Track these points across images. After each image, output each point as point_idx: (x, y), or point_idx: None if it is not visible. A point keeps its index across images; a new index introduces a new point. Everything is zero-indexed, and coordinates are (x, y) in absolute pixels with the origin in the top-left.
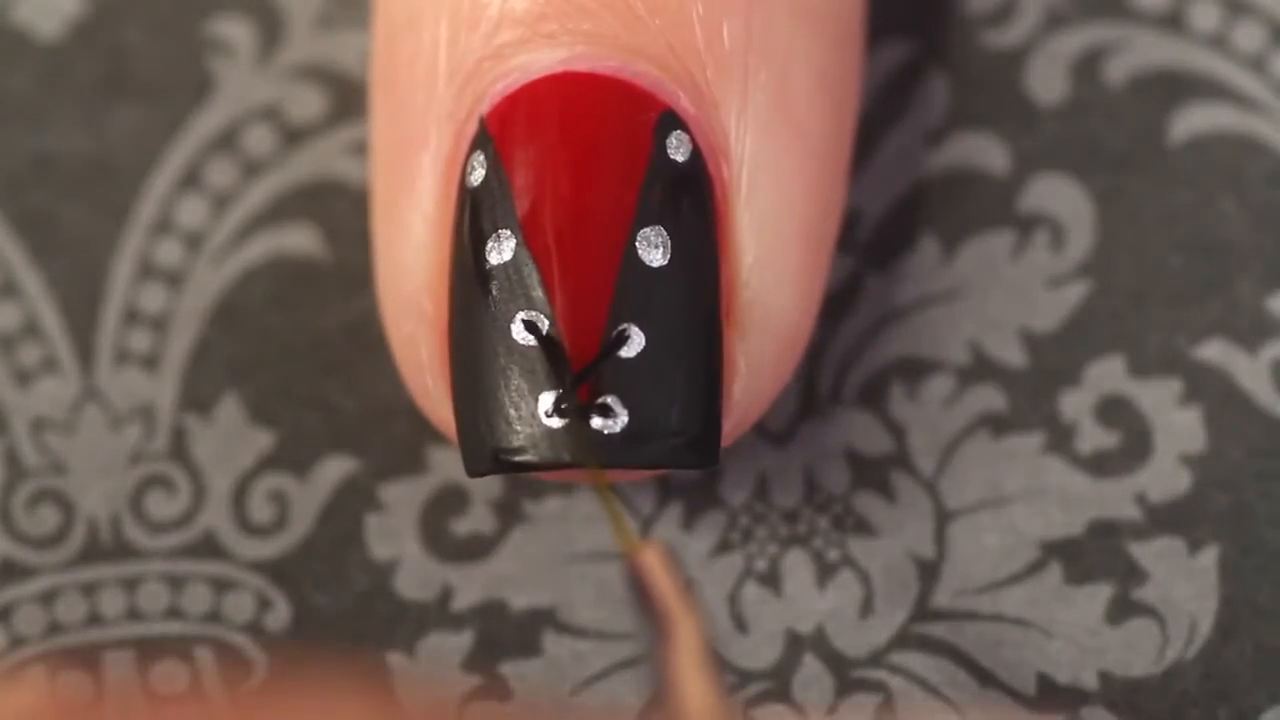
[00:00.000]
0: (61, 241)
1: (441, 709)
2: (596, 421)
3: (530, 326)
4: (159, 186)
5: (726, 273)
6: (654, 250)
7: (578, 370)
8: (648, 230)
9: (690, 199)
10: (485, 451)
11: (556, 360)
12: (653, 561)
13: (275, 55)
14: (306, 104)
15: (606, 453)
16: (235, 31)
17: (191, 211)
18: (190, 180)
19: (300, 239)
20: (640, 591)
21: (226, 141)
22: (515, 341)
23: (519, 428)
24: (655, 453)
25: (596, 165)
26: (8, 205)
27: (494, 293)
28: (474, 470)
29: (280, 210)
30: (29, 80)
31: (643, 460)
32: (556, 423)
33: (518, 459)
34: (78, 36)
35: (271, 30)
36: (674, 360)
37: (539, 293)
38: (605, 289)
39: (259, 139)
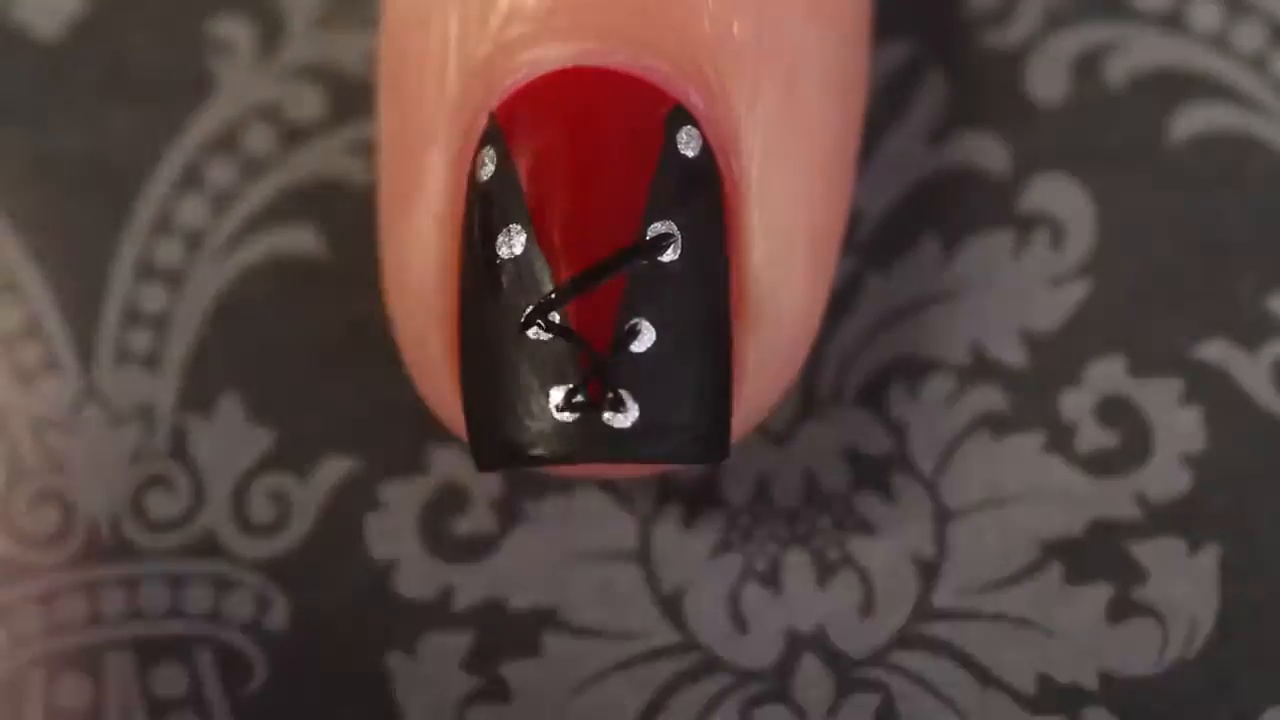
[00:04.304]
0: (61, 241)
1: None
2: (607, 416)
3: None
4: (159, 186)
5: (736, 268)
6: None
7: (588, 365)
8: (658, 225)
9: (700, 194)
10: (496, 447)
11: (567, 355)
12: None
13: (275, 55)
14: (306, 104)
15: (616, 447)
16: (235, 31)
17: (191, 211)
18: (190, 180)
19: (300, 239)
20: None
21: (226, 141)
22: (526, 336)
23: (529, 423)
24: (665, 447)
25: (607, 160)
26: (8, 205)
27: (505, 287)
28: (484, 466)
29: (280, 210)
30: (29, 80)
31: (652, 455)
32: (567, 417)
33: (528, 454)
34: (78, 36)
35: (271, 30)
36: (684, 355)
37: (550, 287)
38: (615, 284)
39: (259, 139)
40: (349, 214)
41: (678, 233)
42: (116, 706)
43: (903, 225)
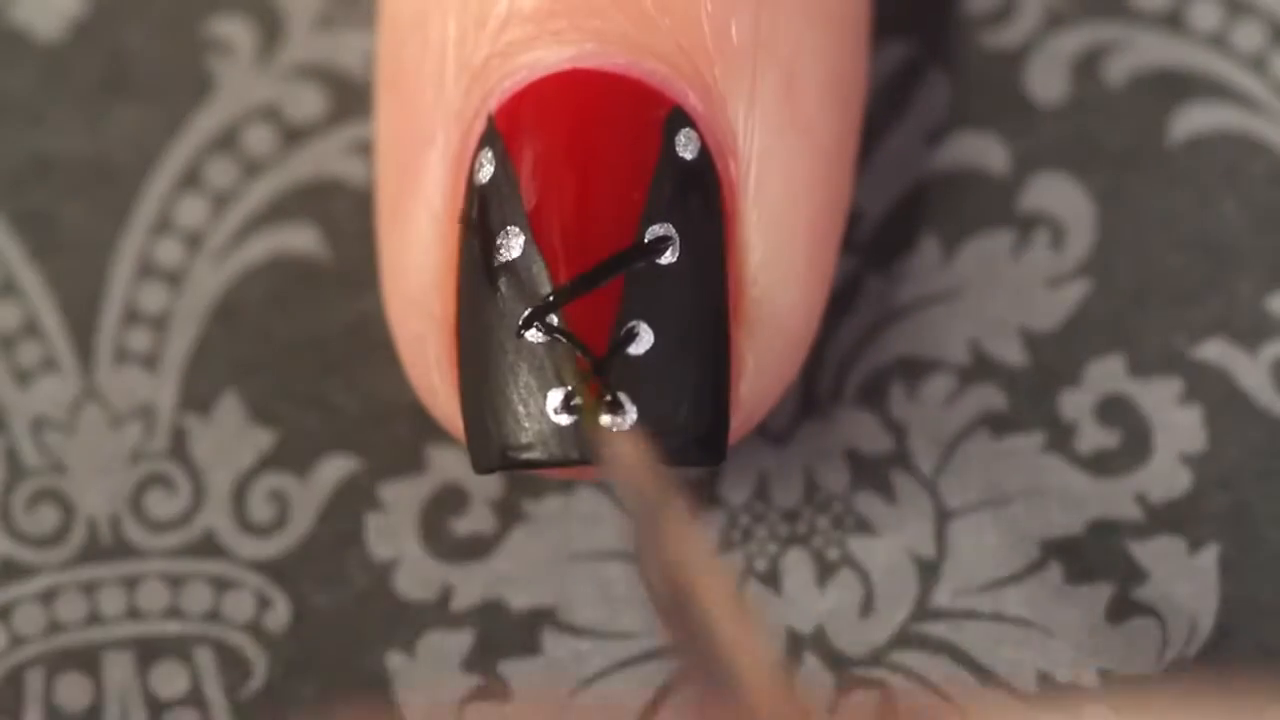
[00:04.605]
0: (61, 241)
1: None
2: (605, 418)
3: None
4: (159, 186)
5: (734, 270)
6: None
7: (587, 367)
8: (656, 227)
9: (699, 197)
10: (493, 449)
11: (565, 357)
12: (629, 450)
13: (275, 55)
14: (306, 104)
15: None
16: (235, 31)
17: (191, 211)
18: (190, 180)
19: (300, 239)
20: (626, 479)
21: (226, 141)
22: (524, 338)
23: (527, 425)
24: (663, 449)
25: (605, 162)
26: (8, 205)
27: (503, 290)
28: (482, 468)
29: (280, 210)
30: (29, 80)
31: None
32: (565, 420)
33: (526, 456)
34: (78, 36)
35: (271, 30)
36: (682, 357)
37: (548, 289)
38: (614, 286)
39: (259, 139)
40: (349, 214)
41: (676, 235)
42: (116, 706)
43: (903, 225)
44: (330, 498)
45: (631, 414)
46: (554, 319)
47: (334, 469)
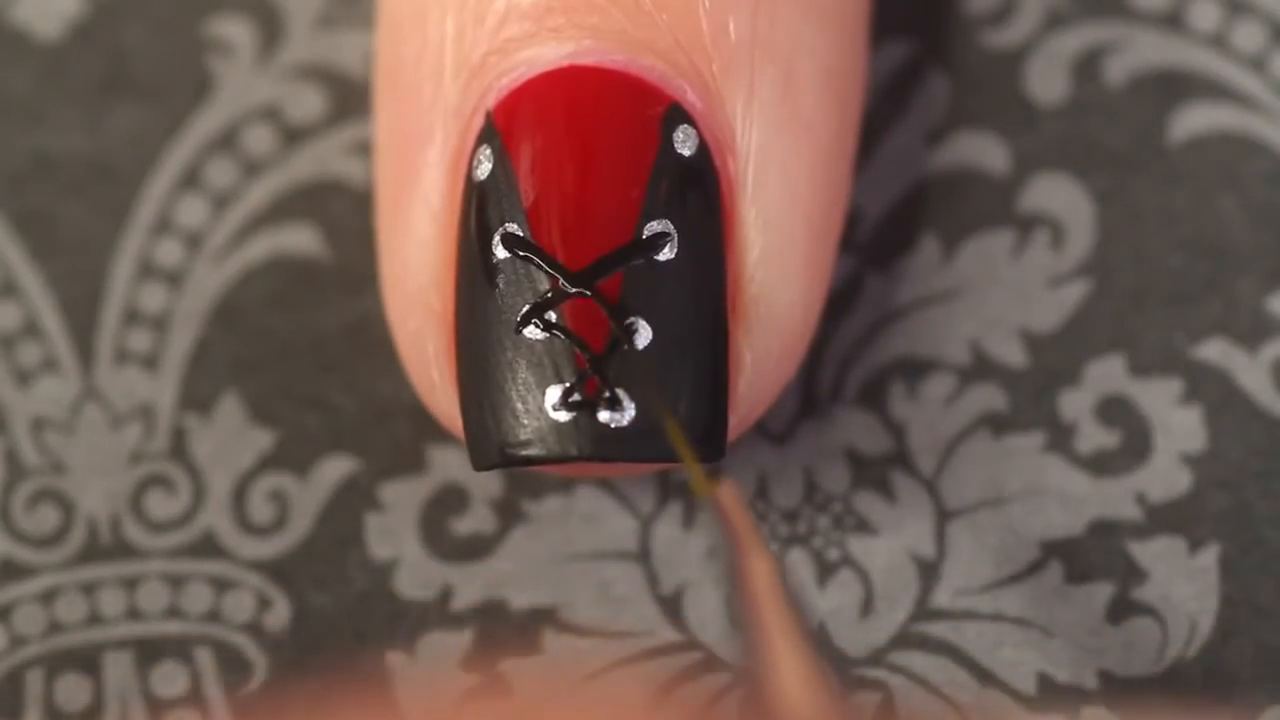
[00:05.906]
0: (61, 241)
1: (439, 710)
2: (604, 415)
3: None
4: (159, 186)
5: (732, 267)
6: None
7: (585, 364)
8: (654, 224)
9: (697, 193)
10: (492, 446)
11: (564, 354)
12: (728, 498)
13: (275, 55)
14: (306, 104)
15: (613, 446)
16: (235, 31)
17: (191, 211)
18: (190, 180)
19: (300, 239)
20: (721, 522)
21: (226, 141)
22: (522, 335)
23: (526, 421)
24: (662, 447)
25: (603, 159)
26: (8, 205)
27: (501, 287)
28: (481, 465)
29: (280, 210)
30: (29, 80)
31: (650, 454)
32: (564, 416)
33: (525, 453)
34: (78, 36)
35: (271, 30)
36: (680, 354)
37: (546, 286)
38: (612, 283)
39: (259, 139)
40: (349, 214)
41: (674, 231)
42: (116, 706)
43: (903, 225)
44: (330, 498)
45: (630, 411)
46: (552, 315)
47: (334, 469)
